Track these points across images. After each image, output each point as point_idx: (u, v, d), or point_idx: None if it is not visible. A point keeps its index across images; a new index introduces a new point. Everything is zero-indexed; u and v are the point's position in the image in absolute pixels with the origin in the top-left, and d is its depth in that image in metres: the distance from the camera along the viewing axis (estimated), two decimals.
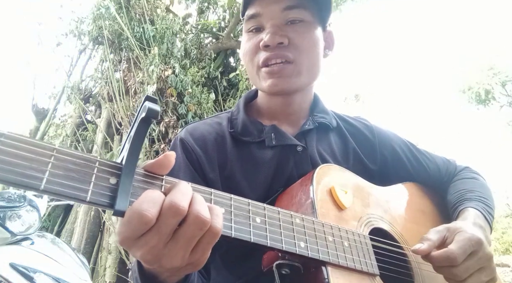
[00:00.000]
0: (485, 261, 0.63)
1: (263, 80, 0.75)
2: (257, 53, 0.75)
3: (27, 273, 1.70)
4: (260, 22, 0.74)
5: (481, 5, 22.01)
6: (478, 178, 0.90)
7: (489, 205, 0.79)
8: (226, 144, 0.76)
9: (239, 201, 0.48)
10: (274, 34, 0.71)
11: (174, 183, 0.42)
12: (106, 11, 4.45)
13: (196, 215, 0.38)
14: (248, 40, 0.76)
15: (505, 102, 11.23)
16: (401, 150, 0.89)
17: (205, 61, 4.46)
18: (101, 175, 0.37)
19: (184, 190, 0.40)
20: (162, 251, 0.39)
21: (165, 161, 0.41)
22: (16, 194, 1.94)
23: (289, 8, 0.72)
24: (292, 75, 0.74)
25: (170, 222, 0.38)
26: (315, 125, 0.80)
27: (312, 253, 0.52)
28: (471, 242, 0.62)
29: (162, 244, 0.38)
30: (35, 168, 0.33)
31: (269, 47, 0.72)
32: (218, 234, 0.41)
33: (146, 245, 0.38)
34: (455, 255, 0.60)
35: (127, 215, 0.36)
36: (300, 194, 0.65)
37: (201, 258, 0.42)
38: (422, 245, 0.63)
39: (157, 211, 0.37)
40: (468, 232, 0.63)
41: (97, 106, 4.96)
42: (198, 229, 0.39)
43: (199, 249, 0.41)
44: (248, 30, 0.76)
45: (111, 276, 3.41)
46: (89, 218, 3.81)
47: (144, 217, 0.36)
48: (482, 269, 0.63)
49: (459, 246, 0.61)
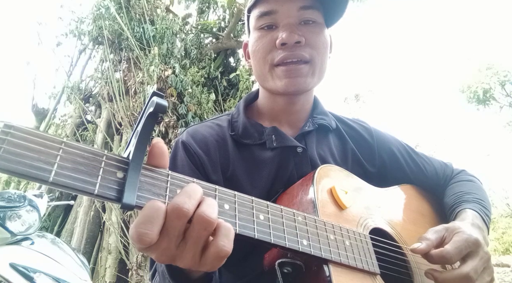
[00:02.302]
0: (486, 260, 0.63)
1: (277, 79, 0.74)
2: (271, 51, 0.73)
3: (27, 273, 1.70)
4: (274, 19, 0.73)
5: (479, 5, 22.02)
6: (474, 181, 0.91)
7: (486, 206, 0.80)
8: (228, 146, 0.76)
9: (243, 198, 0.48)
10: (292, 32, 0.70)
11: (181, 185, 0.42)
12: (106, 11, 4.46)
13: (200, 216, 0.38)
14: (261, 38, 0.74)
15: (505, 103, 11.24)
16: (399, 153, 0.89)
17: (205, 61, 4.46)
18: (108, 168, 0.37)
19: (190, 191, 0.40)
20: (175, 252, 0.40)
21: (154, 148, 0.41)
22: (16, 194, 1.94)
23: (304, 8, 0.72)
24: (308, 75, 0.73)
25: (176, 224, 0.38)
26: (315, 127, 0.81)
27: (314, 250, 0.52)
28: (468, 243, 0.62)
29: (173, 245, 0.39)
30: (44, 160, 0.33)
31: (286, 46, 0.71)
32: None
33: (159, 247, 0.38)
34: (450, 254, 0.60)
35: (131, 233, 0.37)
36: (301, 193, 0.65)
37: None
38: (421, 244, 0.63)
39: (158, 230, 0.37)
40: (466, 233, 0.64)
41: (97, 106, 4.95)
42: (203, 229, 0.39)
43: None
44: (260, 27, 0.75)
45: (111, 276, 3.41)
46: (89, 218, 3.81)
47: (143, 240, 0.36)
48: (485, 269, 0.63)
49: (455, 246, 0.61)
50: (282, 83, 0.73)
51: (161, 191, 0.41)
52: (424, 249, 0.63)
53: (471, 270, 0.60)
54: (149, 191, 0.40)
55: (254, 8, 0.76)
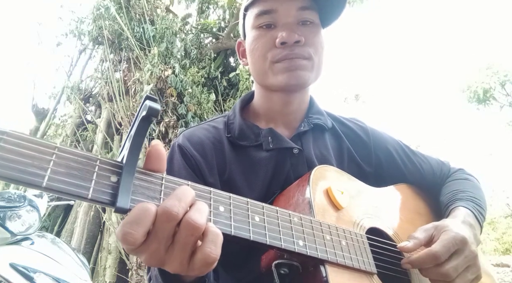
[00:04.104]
0: (471, 259, 0.63)
1: (278, 74, 0.73)
2: (271, 50, 0.73)
3: (27, 273, 1.70)
4: (274, 18, 0.73)
5: (479, 5, 22.01)
6: (471, 179, 0.91)
7: (481, 205, 0.80)
8: (224, 148, 0.76)
9: (238, 200, 0.48)
10: (292, 32, 0.71)
11: (175, 188, 0.42)
12: (106, 11, 4.46)
13: (187, 221, 0.38)
14: (260, 36, 0.75)
15: (505, 103, 11.24)
16: (395, 152, 0.89)
17: (205, 61, 4.46)
18: (102, 173, 0.37)
19: (180, 194, 0.40)
20: (164, 255, 0.39)
21: (152, 151, 0.41)
22: (16, 194, 1.94)
23: (303, 8, 0.72)
24: (307, 69, 0.74)
25: (165, 227, 0.38)
26: (310, 126, 0.81)
27: (310, 251, 0.52)
28: (455, 240, 0.63)
29: (163, 248, 0.39)
30: (37, 165, 0.33)
31: (286, 45, 0.71)
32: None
33: (147, 249, 0.38)
34: (439, 253, 0.60)
35: (117, 232, 0.37)
36: (297, 194, 0.65)
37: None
38: (408, 243, 0.64)
39: (143, 231, 0.37)
40: (453, 231, 0.64)
41: (97, 106, 4.96)
42: (190, 234, 0.38)
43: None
44: (258, 26, 0.75)
45: (111, 276, 3.41)
46: (89, 218, 3.82)
47: (127, 240, 0.36)
48: (468, 267, 0.63)
49: (442, 245, 0.62)
50: (284, 76, 0.73)
51: (156, 194, 0.40)
52: (411, 248, 0.64)
53: (450, 268, 0.61)
54: (143, 194, 0.39)
55: (252, 7, 0.76)
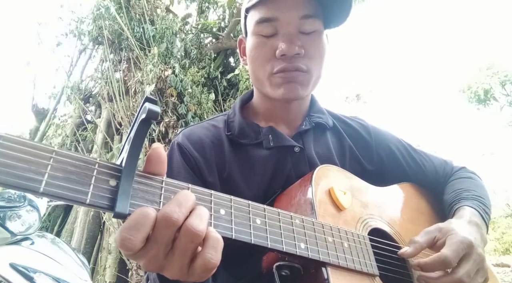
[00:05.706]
0: (479, 262, 0.63)
1: (275, 87, 0.73)
2: (271, 60, 0.73)
3: (27, 273, 1.70)
4: (274, 27, 0.71)
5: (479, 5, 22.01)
6: (474, 178, 0.90)
7: (486, 204, 0.79)
8: (224, 147, 0.76)
9: (239, 202, 0.48)
10: (293, 44, 0.70)
11: (176, 192, 0.41)
12: (106, 11, 4.45)
13: (187, 228, 0.38)
14: (260, 46, 0.74)
15: (505, 103, 11.24)
16: (397, 150, 0.89)
17: (205, 61, 4.45)
18: (100, 177, 0.37)
19: (181, 199, 0.39)
20: (163, 261, 0.39)
21: (152, 154, 0.41)
22: (16, 194, 1.94)
23: (306, 17, 0.71)
24: (303, 83, 0.73)
25: (165, 233, 0.37)
26: (312, 125, 0.81)
27: (312, 254, 0.52)
28: (463, 245, 0.62)
29: (162, 254, 0.38)
30: (34, 170, 0.33)
31: (285, 56, 0.71)
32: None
33: (146, 255, 0.38)
34: (449, 258, 0.60)
35: (115, 237, 0.36)
36: (299, 194, 0.65)
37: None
38: (409, 248, 0.64)
39: (142, 237, 0.36)
40: (459, 235, 0.64)
41: (97, 106, 4.95)
42: (189, 241, 0.38)
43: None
44: (258, 33, 0.74)
45: (111, 276, 3.41)
46: (89, 218, 3.81)
47: (125, 246, 0.35)
48: (478, 271, 0.63)
49: (452, 250, 0.61)
50: (281, 89, 0.73)
51: (155, 198, 0.40)
52: (411, 253, 0.63)
53: (463, 274, 0.60)
54: (142, 198, 0.39)
55: (253, 10, 0.75)
